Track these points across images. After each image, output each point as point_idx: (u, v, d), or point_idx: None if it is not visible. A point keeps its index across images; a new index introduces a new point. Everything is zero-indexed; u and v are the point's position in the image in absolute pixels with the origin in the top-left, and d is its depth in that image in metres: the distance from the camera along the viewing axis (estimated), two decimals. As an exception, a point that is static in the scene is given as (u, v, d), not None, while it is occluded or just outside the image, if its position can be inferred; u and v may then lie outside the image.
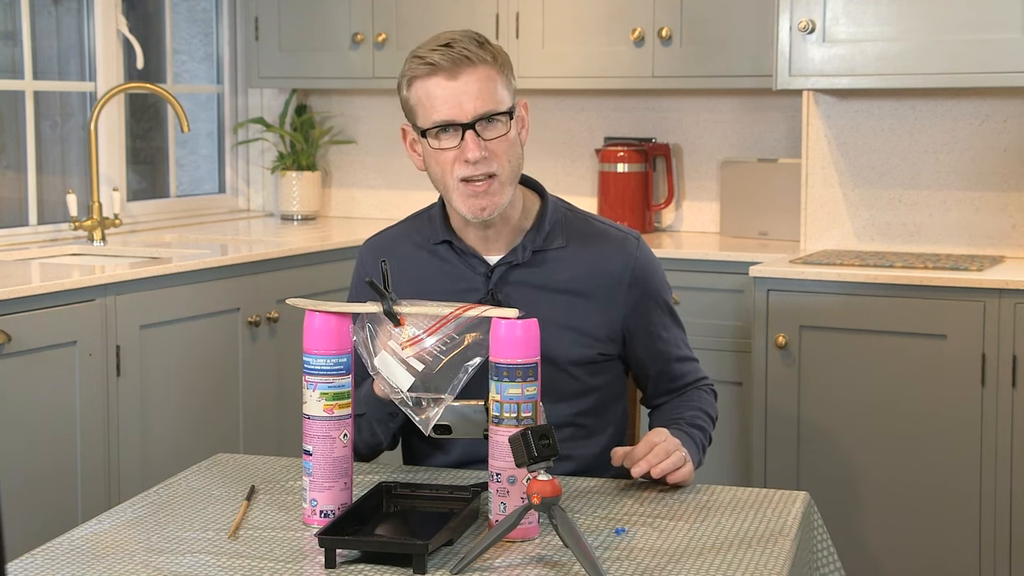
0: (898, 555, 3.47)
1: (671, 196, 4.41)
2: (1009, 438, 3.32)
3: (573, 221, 2.33)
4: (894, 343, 3.43)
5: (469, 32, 2.19)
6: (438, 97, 2.14)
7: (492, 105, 2.15)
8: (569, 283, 2.27)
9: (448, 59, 2.13)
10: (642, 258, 2.32)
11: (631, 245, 2.32)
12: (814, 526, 2.07)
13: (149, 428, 3.47)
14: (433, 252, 2.30)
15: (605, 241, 2.31)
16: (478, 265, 2.27)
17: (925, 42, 3.52)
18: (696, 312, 3.80)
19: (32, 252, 3.86)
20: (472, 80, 2.14)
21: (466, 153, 2.14)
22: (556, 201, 2.34)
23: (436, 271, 2.29)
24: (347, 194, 4.96)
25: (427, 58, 2.14)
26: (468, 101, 2.14)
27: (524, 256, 2.27)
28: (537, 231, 2.28)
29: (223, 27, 4.84)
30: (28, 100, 4.07)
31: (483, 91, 2.14)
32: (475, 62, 2.14)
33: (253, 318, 3.78)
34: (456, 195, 2.19)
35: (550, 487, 1.75)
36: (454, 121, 2.14)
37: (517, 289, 2.24)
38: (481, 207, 2.18)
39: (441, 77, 2.14)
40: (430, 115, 2.16)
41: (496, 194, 2.18)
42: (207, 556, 1.80)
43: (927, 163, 3.82)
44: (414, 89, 2.18)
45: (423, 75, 2.15)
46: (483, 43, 2.18)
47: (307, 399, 1.94)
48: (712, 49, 4.05)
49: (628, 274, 2.29)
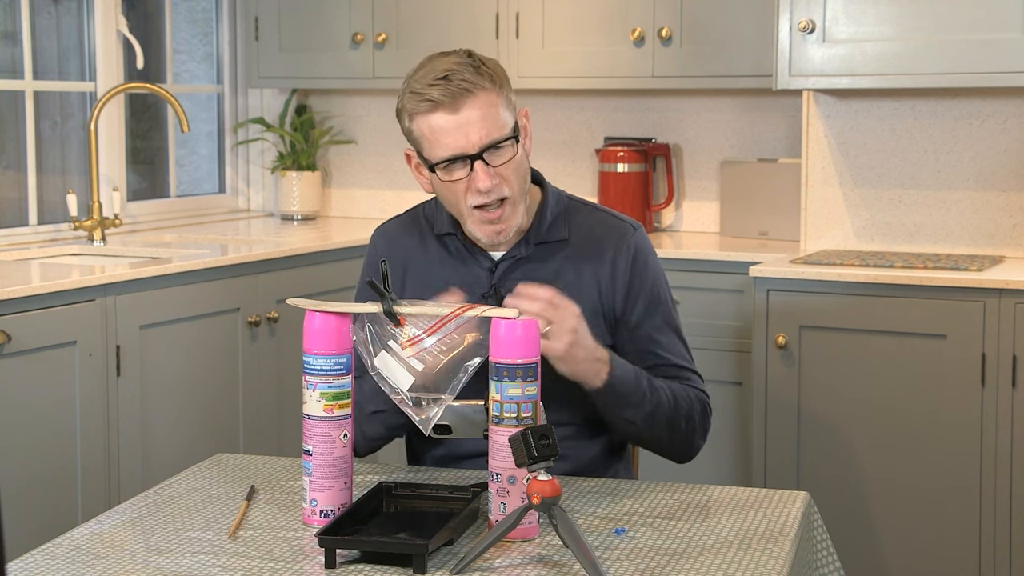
0: (898, 555, 3.47)
1: (671, 196, 4.41)
2: (1009, 438, 3.32)
3: (575, 211, 2.33)
4: (894, 343, 3.43)
5: (462, 57, 2.17)
6: (443, 131, 2.14)
7: (497, 132, 2.15)
8: (572, 277, 2.26)
9: (447, 94, 2.12)
10: (636, 246, 2.30)
11: (628, 233, 2.31)
12: (814, 526, 2.07)
13: (149, 428, 3.47)
14: (441, 242, 2.32)
15: (603, 229, 2.31)
16: (483, 260, 2.28)
17: (925, 42, 3.52)
18: (696, 312, 3.80)
19: (32, 252, 3.86)
20: (474, 109, 2.13)
21: (477, 184, 2.15)
22: (557, 192, 2.34)
23: (444, 261, 2.30)
24: (347, 194, 4.96)
25: (426, 94, 2.13)
26: (474, 132, 2.13)
27: (527, 250, 2.27)
28: (540, 224, 2.28)
29: (223, 27, 4.84)
30: (28, 100, 4.07)
31: (486, 118, 2.14)
32: (475, 92, 2.13)
33: (253, 318, 3.78)
34: (471, 221, 2.20)
35: (550, 487, 1.75)
36: (462, 154, 2.14)
37: (521, 283, 2.24)
38: (497, 231, 2.20)
39: (443, 112, 2.14)
40: (436, 151, 2.16)
41: (510, 217, 2.20)
42: (207, 556, 1.80)
43: (927, 163, 3.82)
44: (416, 123, 2.17)
45: (424, 112, 2.15)
46: (478, 67, 2.16)
47: (307, 399, 1.94)
48: (712, 49, 4.05)
49: (621, 260, 2.28)
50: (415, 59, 4.47)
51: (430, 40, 4.38)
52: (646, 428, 2.20)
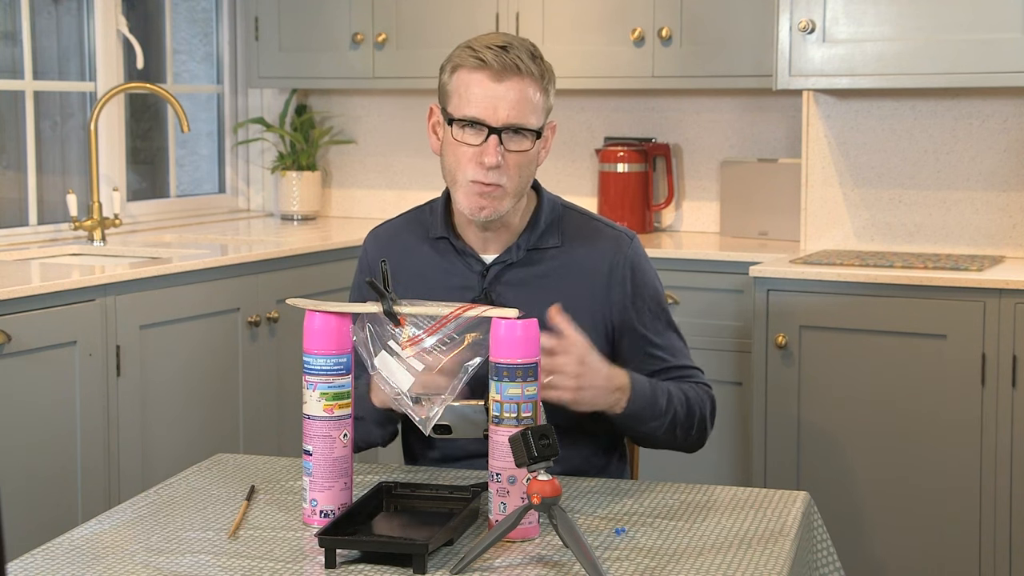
0: (898, 555, 3.47)
1: (671, 196, 4.41)
2: (1009, 438, 3.32)
3: (569, 219, 2.33)
4: (894, 343, 3.43)
5: (527, 42, 2.21)
6: (476, 94, 2.16)
7: (524, 119, 2.17)
8: (563, 283, 2.26)
9: (499, 61, 2.15)
10: (633, 256, 2.31)
11: (624, 243, 2.31)
12: (814, 526, 2.07)
13: (149, 428, 3.47)
14: (433, 246, 2.32)
15: (599, 239, 2.31)
16: (474, 263, 2.28)
17: (925, 42, 3.52)
18: (696, 312, 3.80)
19: (32, 252, 3.86)
20: (514, 89, 2.15)
21: (484, 155, 2.16)
22: (552, 199, 2.34)
23: (435, 265, 2.30)
24: (347, 194, 4.96)
25: (480, 53, 2.16)
26: (503, 108, 2.15)
27: (518, 255, 2.27)
28: (532, 230, 2.29)
29: (223, 27, 4.84)
30: (28, 100, 4.07)
31: (520, 103, 2.16)
32: (523, 73, 2.16)
33: (253, 318, 3.78)
34: (461, 190, 2.20)
35: (550, 487, 1.75)
36: (484, 121, 2.16)
37: (511, 288, 2.25)
38: (480, 207, 2.19)
39: (486, 75, 2.16)
40: (463, 107, 2.17)
41: (499, 200, 2.19)
42: (207, 556, 1.80)
43: (927, 163, 3.82)
44: (456, 76, 2.19)
45: (470, 67, 2.17)
46: (537, 57, 2.20)
47: (307, 399, 1.94)
48: (712, 49, 4.05)
49: (618, 271, 2.29)
50: (415, 59, 4.47)
51: (430, 40, 4.38)
52: (662, 436, 2.25)
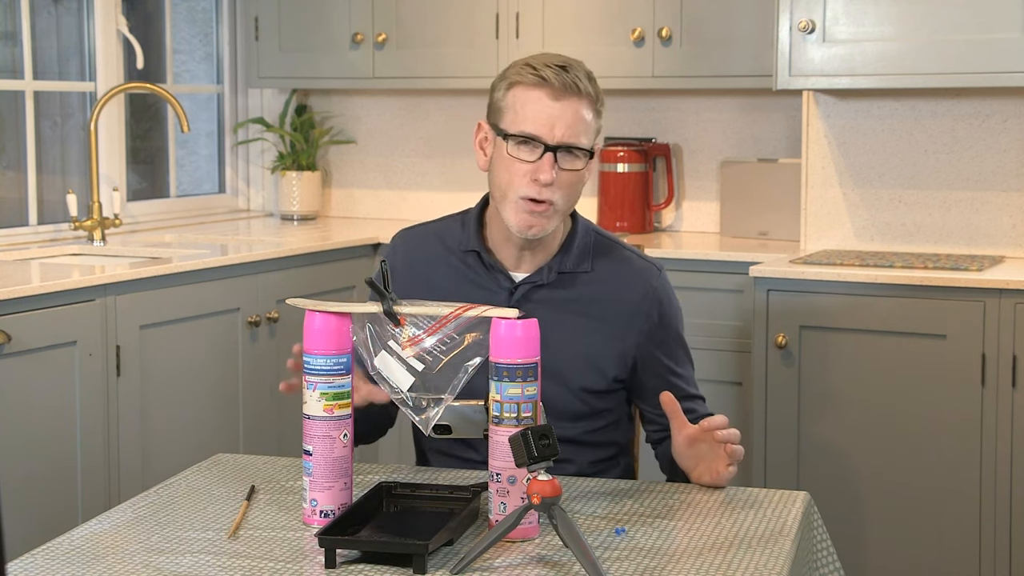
0: (898, 555, 3.47)
1: (671, 196, 4.41)
2: (1009, 438, 3.32)
3: (601, 246, 2.35)
4: (894, 343, 3.43)
5: (583, 64, 2.24)
6: (534, 111, 2.18)
7: (578, 139, 2.19)
8: (590, 308, 2.29)
9: (560, 81, 2.17)
10: (661, 289, 2.34)
11: (652, 275, 2.34)
12: (814, 526, 2.07)
13: (149, 428, 3.47)
14: (462, 259, 2.32)
15: (628, 269, 2.33)
16: (503, 280, 2.29)
17: (925, 42, 3.52)
18: (696, 312, 3.79)
19: (32, 252, 3.87)
20: (571, 108, 2.18)
21: (539, 173, 2.17)
22: (586, 224, 2.36)
23: (461, 278, 2.30)
24: (347, 194, 4.96)
25: (540, 71, 2.18)
26: (560, 127, 2.17)
27: (549, 277, 2.29)
28: (565, 253, 2.30)
29: (223, 27, 4.84)
30: (28, 100, 4.07)
31: (576, 122, 2.19)
32: (581, 93, 2.19)
33: (253, 318, 3.78)
34: (511, 207, 2.21)
35: (550, 487, 1.75)
36: (540, 138, 2.18)
37: (537, 309, 2.22)
38: (529, 225, 2.21)
39: (545, 93, 2.18)
40: (519, 123, 2.19)
41: (547, 219, 2.22)
42: (207, 556, 1.80)
43: (927, 163, 3.82)
44: (512, 93, 2.21)
45: (528, 84, 2.19)
46: (593, 80, 2.23)
47: (307, 399, 1.94)
48: (712, 49, 4.05)
49: (646, 303, 2.31)
50: (415, 59, 4.46)
51: (430, 40, 4.39)
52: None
